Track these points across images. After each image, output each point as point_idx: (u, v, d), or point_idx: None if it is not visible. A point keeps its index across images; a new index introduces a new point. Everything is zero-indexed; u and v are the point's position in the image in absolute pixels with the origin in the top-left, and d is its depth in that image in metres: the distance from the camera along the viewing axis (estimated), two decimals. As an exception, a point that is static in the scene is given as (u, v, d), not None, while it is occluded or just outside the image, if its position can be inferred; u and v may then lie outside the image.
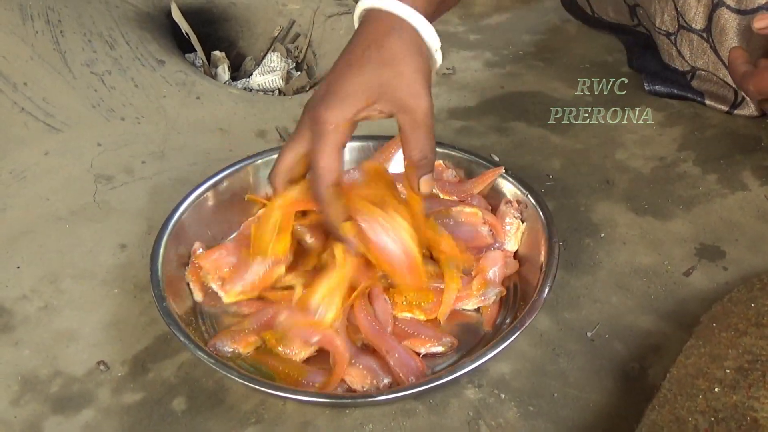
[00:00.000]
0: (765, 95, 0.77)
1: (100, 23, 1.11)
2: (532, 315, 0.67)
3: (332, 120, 0.66)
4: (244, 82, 1.20)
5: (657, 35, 0.98)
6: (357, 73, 0.67)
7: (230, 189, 0.83)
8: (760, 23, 0.78)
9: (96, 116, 1.02)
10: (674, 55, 0.98)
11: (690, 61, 0.96)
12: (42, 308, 0.79)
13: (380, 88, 0.67)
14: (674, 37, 0.96)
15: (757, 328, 0.63)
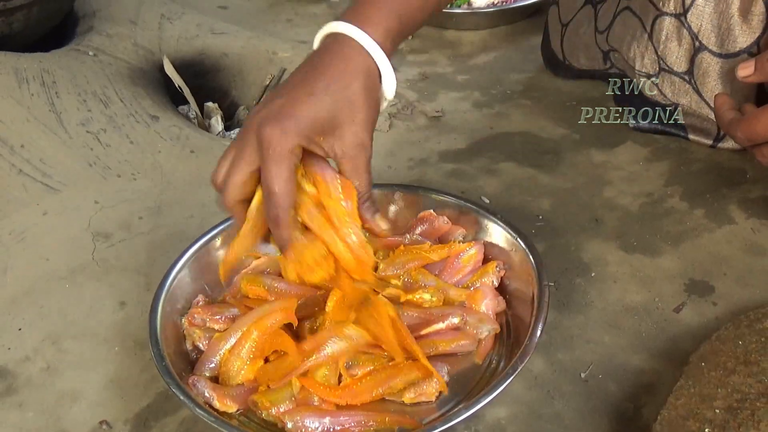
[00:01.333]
0: (753, 141, 0.78)
1: (94, 82, 1.13)
2: (524, 360, 0.69)
3: (287, 144, 0.65)
4: (237, 132, 1.22)
5: (637, 76, 1.00)
6: (315, 102, 0.67)
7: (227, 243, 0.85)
8: (744, 71, 0.80)
9: (93, 174, 1.04)
10: (656, 94, 1.00)
11: (672, 99, 0.98)
12: (44, 369, 0.80)
13: (332, 125, 0.68)
14: (655, 78, 0.98)
15: (745, 366, 0.64)
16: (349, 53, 0.70)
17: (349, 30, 0.70)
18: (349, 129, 0.68)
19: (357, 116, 0.68)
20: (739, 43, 0.88)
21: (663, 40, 0.93)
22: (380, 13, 0.72)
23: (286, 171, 0.66)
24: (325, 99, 0.67)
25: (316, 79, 0.68)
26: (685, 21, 0.90)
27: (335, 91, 0.68)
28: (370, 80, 0.70)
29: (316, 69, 0.69)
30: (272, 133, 0.65)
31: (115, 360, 0.80)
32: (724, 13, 0.88)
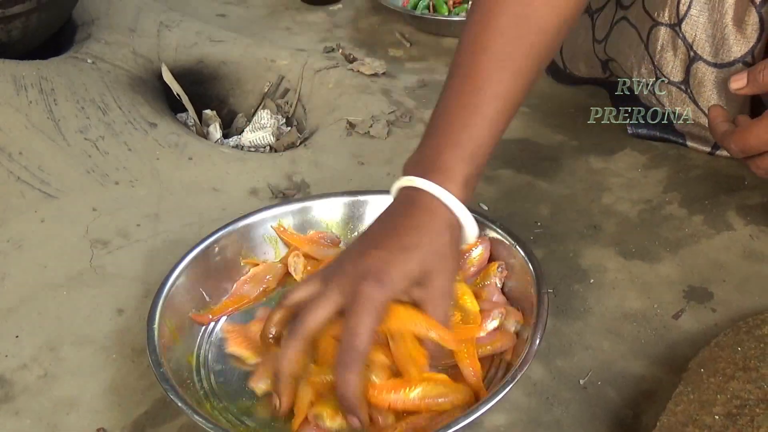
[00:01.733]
0: (747, 153, 0.78)
1: (92, 89, 1.13)
2: (523, 368, 0.68)
3: (381, 299, 0.67)
4: (235, 140, 1.22)
5: (636, 86, 1.01)
6: (409, 259, 0.69)
7: (225, 250, 0.85)
8: (737, 84, 0.80)
9: (91, 182, 1.04)
10: (654, 102, 1.00)
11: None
12: (42, 377, 0.80)
13: (422, 277, 0.70)
14: (652, 87, 0.98)
15: (745, 372, 0.64)
16: (433, 208, 0.72)
17: (430, 188, 0.73)
18: (438, 279, 0.70)
19: (445, 266, 0.71)
20: (733, 52, 0.88)
21: (658, 50, 0.94)
22: (457, 163, 0.74)
23: (374, 323, 0.67)
24: (417, 254, 0.69)
25: (408, 234, 0.71)
26: (680, 31, 0.90)
27: (426, 245, 0.70)
28: (454, 233, 0.73)
29: (406, 223, 0.72)
30: (371, 290, 0.67)
31: (112, 367, 0.80)
32: (718, 22, 0.88)
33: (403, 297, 0.70)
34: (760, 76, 0.77)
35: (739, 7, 0.86)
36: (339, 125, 1.17)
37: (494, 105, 0.76)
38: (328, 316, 0.69)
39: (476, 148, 0.75)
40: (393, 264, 0.68)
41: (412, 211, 0.73)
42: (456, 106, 0.76)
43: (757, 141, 0.76)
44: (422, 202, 0.73)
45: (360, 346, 0.66)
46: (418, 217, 0.72)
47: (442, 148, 0.75)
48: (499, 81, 0.76)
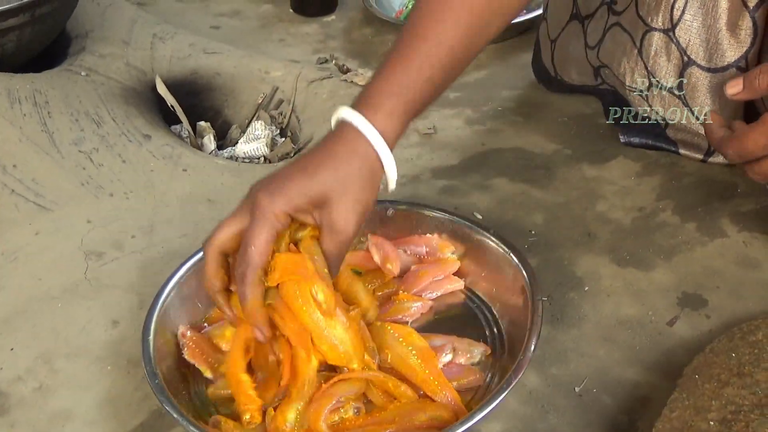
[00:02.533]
0: (744, 159, 0.78)
1: (86, 102, 1.14)
2: (518, 375, 0.69)
3: (273, 209, 0.70)
4: (229, 151, 1.22)
5: (628, 92, 1.01)
6: (308, 177, 0.72)
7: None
8: (733, 89, 0.80)
9: (85, 194, 1.04)
10: (647, 109, 1.00)
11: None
12: (37, 389, 0.79)
13: (321, 199, 0.71)
14: (645, 94, 0.98)
15: (739, 377, 0.65)
16: (349, 138, 0.74)
17: (353, 117, 0.74)
18: (337, 206, 0.72)
19: (346, 196, 0.72)
20: (727, 57, 0.88)
21: (652, 55, 0.94)
22: (384, 98, 0.75)
23: (267, 232, 0.70)
24: (316, 175, 0.72)
25: (313, 159, 0.73)
26: (674, 36, 0.91)
27: (328, 169, 0.72)
28: (366, 165, 0.73)
29: (317, 150, 0.75)
30: (262, 198, 0.70)
31: (108, 379, 0.80)
32: (711, 27, 0.88)
33: (301, 215, 0.72)
34: (756, 82, 0.78)
35: (733, 12, 0.87)
36: (333, 136, 1.17)
37: (427, 47, 0.77)
38: (230, 233, 0.72)
39: (405, 84, 0.76)
40: (290, 179, 0.72)
41: (327, 142, 0.75)
42: (395, 51, 0.78)
43: (755, 146, 0.76)
44: (343, 132, 0.74)
45: (253, 256, 0.69)
46: (332, 145, 0.74)
47: (371, 85, 0.77)
48: (438, 30, 0.78)
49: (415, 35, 0.78)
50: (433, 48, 0.77)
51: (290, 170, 0.73)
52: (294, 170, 0.73)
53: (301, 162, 0.74)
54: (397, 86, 0.76)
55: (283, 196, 0.70)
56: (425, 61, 0.77)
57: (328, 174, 0.71)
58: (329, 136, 0.75)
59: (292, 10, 1.61)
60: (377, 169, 0.74)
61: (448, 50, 0.78)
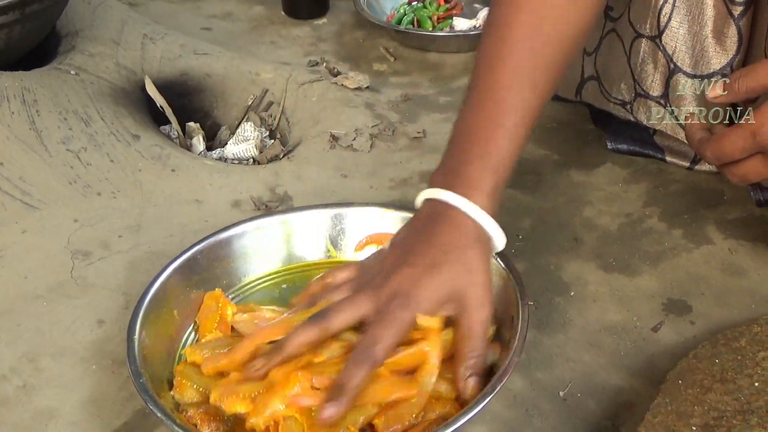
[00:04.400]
0: (722, 161, 0.78)
1: (75, 101, 1.13)
2: (503, 379, 0.68)
3: (407, 320, 0.69)
4: (218, 152, 1.22)
5: (612, 106, 1.01)
6: (437, 276, 0.71)
7: (206, 261, 0.85)
8: (714, 92, 0.81)
9: (72, 193, 1.04)
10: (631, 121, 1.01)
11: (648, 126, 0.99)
12: (21, 387, 0.79)
13: (454, 294, 0.71)
14: (630, 106, 0.98)
15: (722, 383, 0.65)
16: (459, 222, 0.74)
17: (456, 201, 0.74)
18: (471, 292, 0.71)
19: (476, 279, 0.72)
20: (713, 65, 0.89)
21: (639, 62, 0.94)
22: (482, 175, 0.76)
23: (396, 340, 0.69)
24: (445, 272, 0.71)
25: (436, 250, 0.72)
26: (660, 43, 0.91)
27: (453, 261, 0.72)
28: (482, 245, 0.74)
29: (434, 239, 0.73)
30: (399, 307, 0.69)
31: (92, 378, 0.80)
32: (698, 34, 0.89)
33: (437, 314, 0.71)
34: (736, 85, 0.78)
35: (719, 20, 0.87)
36: (322, 138, 1.18)
37: (514, 116, 0.78)
38: (352, 321, 0.71)
39: (499, 159, 0.76)
40: (421, 283, 0.70)
41: (438, 226, 0.74)
42: (477, 119, 0.78)
43: (732, 148, 0.76)
44: (448, 215, 0.74)
45: (377, 352, 0.67)
46: (446, 232, 0.73)
47: (466, 160, 0.76)
48: (518, 92, 0.78)
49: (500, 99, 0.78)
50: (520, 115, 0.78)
51: (417, 268, 0.71)
52: (422, 269, 0.71)
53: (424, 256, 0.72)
54: (494, 162, 0.76)
55: (417, 306, 0.69)
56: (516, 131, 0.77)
57: (455, 269, 0.71)
58: (434, 220, 0.75)
59: (284, 12, 1.61)
60: (488, 244, 0.75)
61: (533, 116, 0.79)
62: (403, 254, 0.74)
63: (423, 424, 0.69)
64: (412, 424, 0.68)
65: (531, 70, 0.79)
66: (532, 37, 0.79)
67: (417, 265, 0.72)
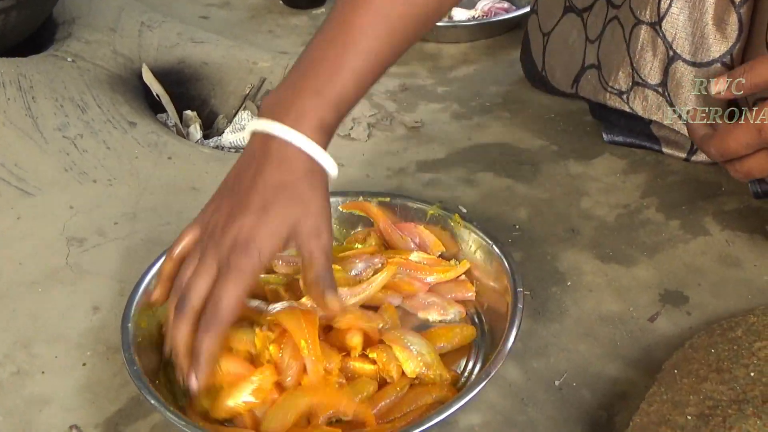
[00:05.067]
0: (726, 157, 0.78)
1: (71, 87, 1.13)
2: (497, 365, 0.68)
3: (249, 269, 0.68)
4: (216, 141, 1.22)
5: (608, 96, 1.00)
6: (272, 217, 0.69)
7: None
8: (717, 87, 0.80)
9: (68, 179, 1.03)
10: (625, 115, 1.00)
11: (644, 116, 0.98)
12: (14, 373, 0.79)
13: (291, 230, 0.69)
14: (626, 96, 0.98)
15: (718, 373, 0.65)
16: (289, 157, 0.71)
17: (284, 133, 0.71)
18: (306, 222, 0.70)
19: (309, 210, 0.70)
20: (712, 52, 0.88)
21: (638, 50, 0.94)
22: (316, 111, 0.72)
23: (242, 291, 0.68)
24: (279, 212, 0.69)
25: (267, 191, 0.70)
26: (660, 29, 0.91)
27: (286, 199, 0.70)
28: (313, 175, 0.72)
29: (265, 177, 0.71)
30: (239, 258, 0.68)
31: (86, 365, 0.79)
32: (698, 21, 0.88)
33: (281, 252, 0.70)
34: (740, 81, 0.77)
35: (719, 7, 0.86)
36: (319, 127, 1.17)
37: (365, 60, 0.75)
38: (207, 287, 0.69)
39: (339, 97, 0.73)
40: (258, 229, 0.69)
41: (267, 163, 0.71)
42: (325, 54, 0.75)
43: (737, 144, 0.76)
44: (276, 149, 0.71)
45: (223, 312, 0.67)
46: (275, 170, 0.71)
47: (301, 92, 0.73)
48: (374, 37, 0.75)
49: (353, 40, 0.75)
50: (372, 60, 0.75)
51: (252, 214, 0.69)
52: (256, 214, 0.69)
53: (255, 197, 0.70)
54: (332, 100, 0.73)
55: (257, 254, 0.68)
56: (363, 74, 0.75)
57: (289, 207, 0.70)
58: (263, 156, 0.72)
59: (282, 1, 1.61)
60: (321, 172, 0.73)
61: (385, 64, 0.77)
62: (237, 202, 0.72)
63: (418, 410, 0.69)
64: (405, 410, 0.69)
65: (391, 16, 0.76)
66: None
67: (249, 210, 0.70)
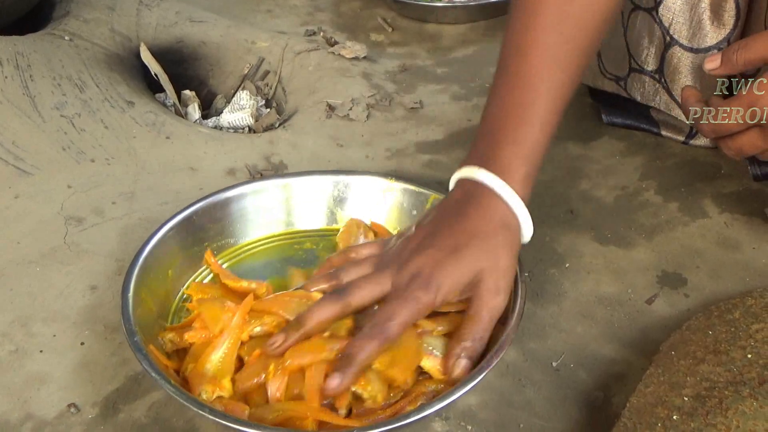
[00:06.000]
0: (719, 134, 0.78)
1: (69, 66, 1.12)
2: (499, 354, 0.68)
3: (425, 303, 0.68)
4: (214, 121, 1.22)
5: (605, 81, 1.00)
6: (460, 260, 0.69)
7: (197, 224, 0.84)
8: (711, 64, 0.80)
9: (66, 159, 1.03)
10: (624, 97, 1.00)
11: (641, 102, 0.98)
12: (13, 352, 0.79)
13: (474, 278, 0.70)
14: (624, 82, 0.98)
15: (715, 355, 0.65)
16: (490, 205, 0.72)
17: (491, 182, 0.72)
18: (488, 276, 0.70)
19: (497, 265, 0.70)
20: (709, 39, 0.88)
21: (635, 36, 0.93)
22: (515, 160, 0.73)
23: (411, 320, 0.68)
24: (467, 257, 0.69)
25: (461, 234, 0.71)
26: (656, 15, 0.90)
27: (477, 246, 0.70)
28: (509, 232, 0.72)
29: (461, 221, 0.72)
30: (419, 290, 0.68)
31: (84, 344, 0.79)
32: (695, 7, 0.88)
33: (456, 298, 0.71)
34: (734, 57, 0.77)
35: None
36: (318, 108, 1.17)
37: (546, 102, 0.75)
38: (372, 298, 0.70)
39: (532, 145, 0.74)
40: (443, 266, 0.69)
41: (468, 208, 0.73)
42: (509, 104, 0.76)
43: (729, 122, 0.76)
44: (480, 197, 0.73)
45: (390, 328, 0.66)
46: (474, 216, 0.72)
47: (499, 145, 0.74)
48: (549, 78, 0.76)
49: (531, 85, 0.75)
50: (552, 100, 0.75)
51: (441, 251, 0.70)
52: (445, 253, 0.70)
53: (449, 238, 0.71)
54: (527, 148, 0.74)
55: (436, 291, 0.68)
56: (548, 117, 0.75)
57: (478, 254, 0.70)
58: (465, 201, 0.73)
59: (281, -19, 1.60)
60: (517, 231, 0.73)
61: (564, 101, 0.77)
62: (429, 235, 0.72)
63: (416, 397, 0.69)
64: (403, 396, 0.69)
65: (560, 54, 0.77)
66: (561, 21, 0.77)
67: (440, 248, 0.70)
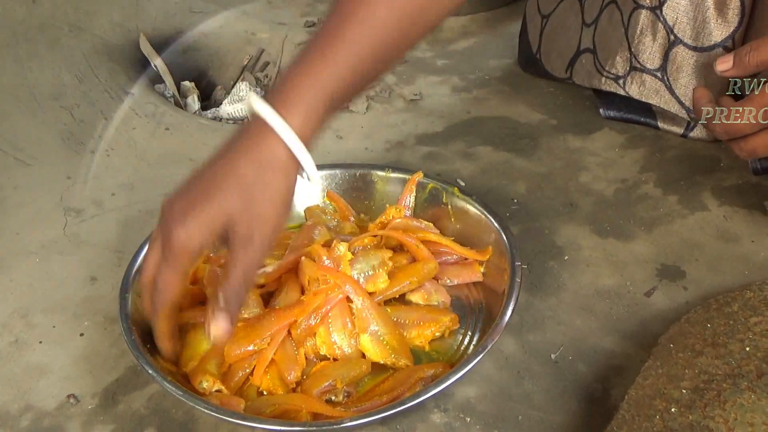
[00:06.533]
0: (732, 135, 0.78)
1: (68, 57, 1.12)
2: (494, 338, 0.69)
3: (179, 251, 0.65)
4: (213, 112, 1.21)
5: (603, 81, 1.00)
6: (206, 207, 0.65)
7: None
8: (723, 66, 0.79)
9: (65, 149, 1.03)
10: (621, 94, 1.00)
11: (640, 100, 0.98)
12: (12, 343, 0.79)
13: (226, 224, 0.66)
14: (623, 80, 0.97)
15: (713, 348, 0.65)
16: (260, 141, 0.67)
17: (265, 113, 0.66)
18: (241, 225, 0.66)
19: (253, 212, 0.66)
20: (714, 36, 0.88)
21: (638, 34, 0.93)
22: (306, 92, 0.67)
23: (177, 270, 0.66)
24: (217, 201, 0.65)
25: (218, 174, 0.67)
26: (661, 14, 0.90)
27: (231, 188, 0.65)
28: (278, 174, 0.67)
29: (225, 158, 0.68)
30: (173, 237, 0.65)
31: (84, 335, 0.80)
32: (699, 6, 0.87)
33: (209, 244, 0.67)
34: (747, 58, 0.77)
35: None
36: (318, 99, 1.17)
37: (370, 43, 0.70)
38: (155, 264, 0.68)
39: (330, 80, 0.68)
40: (192, 215, 0.65)
41: (237, 144, 0.68)
42: (330, 35, 0.70)
43: (741, 123, 0.76)
44: (251, 133, 0.67)
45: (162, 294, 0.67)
46: (237, 154, 0.67)
47: (289, 76, 0.69)
48: (382, 22, 0.70)
49: (342, 16, 0.70)
50: (362, 33, 0.70)
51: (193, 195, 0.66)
52: (196, 197, 0.66)
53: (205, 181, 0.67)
54: (328, 85, 0.68)
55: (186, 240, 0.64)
56: (352, 49, 0.69)
57: (231, 197, 0.65)
58: (240, 138, 0.68)
59: (281, -28, 1.60)
60: (291, 170, 0.68)
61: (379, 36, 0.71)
62: (191, 179, 0.68)
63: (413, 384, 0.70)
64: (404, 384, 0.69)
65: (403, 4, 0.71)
66: None
67: (188, 196, 0.66)
